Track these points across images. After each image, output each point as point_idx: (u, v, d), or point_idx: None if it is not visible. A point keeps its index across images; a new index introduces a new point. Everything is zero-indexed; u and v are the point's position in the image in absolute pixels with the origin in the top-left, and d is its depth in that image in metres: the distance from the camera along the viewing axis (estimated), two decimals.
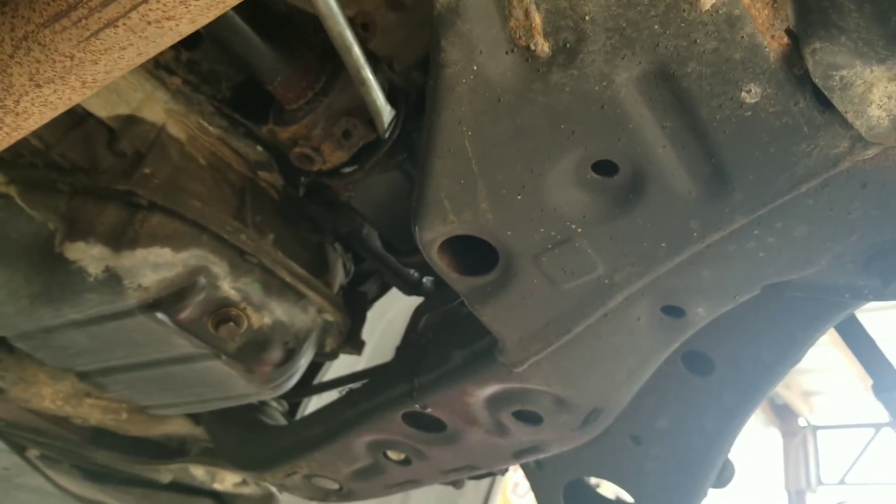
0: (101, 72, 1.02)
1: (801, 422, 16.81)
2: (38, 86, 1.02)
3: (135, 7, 0.88)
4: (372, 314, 3.00)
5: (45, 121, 1.13)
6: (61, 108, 1.10)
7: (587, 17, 1.08)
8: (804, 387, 15.87)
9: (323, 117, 1.66)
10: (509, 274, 1.42)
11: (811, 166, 1.17)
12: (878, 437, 15.26)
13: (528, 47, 1.13)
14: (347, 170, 1.76)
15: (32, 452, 3.02)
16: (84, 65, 0.99)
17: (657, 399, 1.87)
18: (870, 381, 1.78)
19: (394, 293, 2.64)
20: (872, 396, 1.78)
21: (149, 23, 0.91)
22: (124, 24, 0.91)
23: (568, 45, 1.12)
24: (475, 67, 1.15)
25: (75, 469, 3.21)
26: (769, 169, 1.18)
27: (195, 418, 2.87)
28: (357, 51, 1.42)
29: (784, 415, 16.65)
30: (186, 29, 0.94)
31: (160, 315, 1.80)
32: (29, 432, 2.86)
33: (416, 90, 1.83)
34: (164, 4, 0.88)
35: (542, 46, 1.12)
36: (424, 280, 2.38)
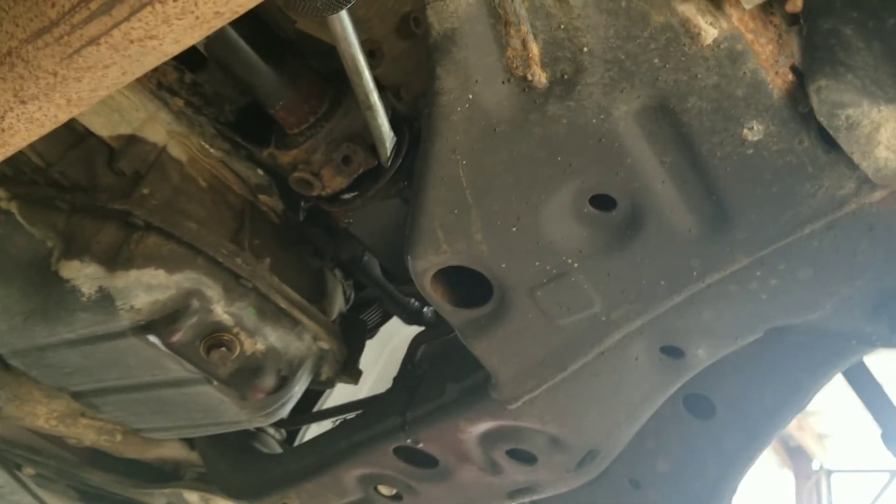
0: (86, 90, 1.00)
1: (815, 465, 16.50)
2: (23, 102, 1.00)
3: (116, 25, 0.86)
4: (377, 341, 2.97)
5: (33, 138, 1.11)
6: (48, 126, 1.08)
7: (585, 49, 1.06)
8: (818, 429, 15.59)
9: (324, 142, 1.64)
10: (504, 307, 1.39)
11: (816, 207, 1.13)
12: (894, 483, 14.94)
13: (524, 77, 1.10)
14: (347, 196, 1.74)
15: (28, 471, 2.98)
16: (68, 82, 0.97)
17: (657, 442, 1.81)
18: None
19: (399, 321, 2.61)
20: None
21: (131, 41, 0.89)
22: (106, 42, 0.89)
23: (565, 77, 1.09)
24: (471, 96, 1.12)
25: (71, 490, 3.18)
26: (772, 208, 1.15)
27: (190, 443, 2.83)
28: (367, 75, 1.40)
29: (797, 456, 16.35)
30: (171, 49, 0.92)
31: (152, 337, 1.77)
32: (25, 450, 2.83)
33: (422, 117, 1.81)
34: (147, 23, 0.86)
35: (540, 77, 1.10)
36: (425, 310, 2.34)
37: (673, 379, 1.48)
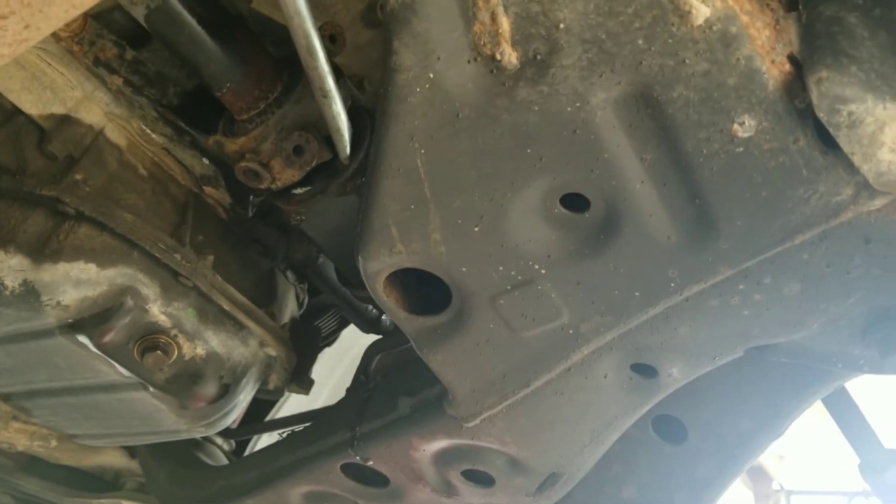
0: None
1: (775, 485, 16.54)
2: None
3: None
4: (335, 349, 2.83)
5: None
6: None
7: (562, 26, 0.94)
8: (779, 450, 15.63)
9: (274, 130, 1.51)
10: (463, 316, 1.26)
11: (808, 215, 1.02)
12: None
13: (493, 56, 0.98)
14: (299, 191, 1.60)
15: None
16: None
17: (623, 466, 1.69)
18: (847, 451, 1.63)
19: None
20: (858, 475, 1.62)
21: None
22: None
23: (538, 57, 0.97)
24: (431, 75, 1.00)
25: (5, 496, 3.01)
26: (760, 215, 1.04)
27: (130, 451, 2.67)
28: (323, 57, 1.27)
29: (757, 476, 16.37)
30: None
31: (81, 337, 1.62)
32: None
33: None
34: None
35: (510, 56, 0.97)
36: (384, 318, 2.21)
37: (644, 399, 1.37)
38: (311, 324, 2.34)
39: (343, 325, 2.58)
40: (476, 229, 1.13)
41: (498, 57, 0.97)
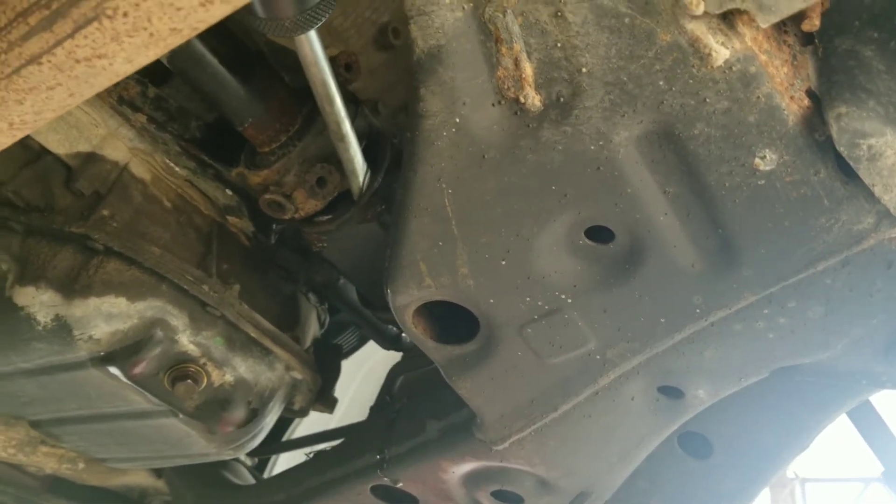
0: (29, 113, 0.89)
1: (790, 473, 16.52)
2: None
3: (59, 43, 0.75)
4: (352, 363, 2.86)
5: None
6: None
7: (584, 70, 0.97)
8: None
9: (296, 163, 1.54)
10: (491, 345, 1.29)
11: (831, 243, 1.04)
12: (867, 491, 14.99)
13: (517, 100, 1.00)
14: (321, 218, 1.63)
15: None
16: (8, 104, 0.86)
17: (650, 482, 1.71)
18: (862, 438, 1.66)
19: None
20: (879, 476, 1.64)
21: (77, 61, 0.78)
22: (49, 62, 0.78)
23: (562, 100, 1.00)
24: (458, 120, 1.02)
25: None
26: (783, 244, 1.06)
27: (157, 470, 2.71)
28: (339, 103, 1.30)
29: None
30: (123, 69, 0.81)
31: (113, 369, 1.65)
32: None
33: (401, 134, 1.71)
34: (94, 41, 0.75)
35: (533, 99, 1.00)
36: (404, 336, 2.23)
37: (671, 420, 1.39)
38: (333, 342, 2.37)
39: (363, 341, 2.61)
40: (503, 263, 1.16)
41: (522, 100, 1.00)
